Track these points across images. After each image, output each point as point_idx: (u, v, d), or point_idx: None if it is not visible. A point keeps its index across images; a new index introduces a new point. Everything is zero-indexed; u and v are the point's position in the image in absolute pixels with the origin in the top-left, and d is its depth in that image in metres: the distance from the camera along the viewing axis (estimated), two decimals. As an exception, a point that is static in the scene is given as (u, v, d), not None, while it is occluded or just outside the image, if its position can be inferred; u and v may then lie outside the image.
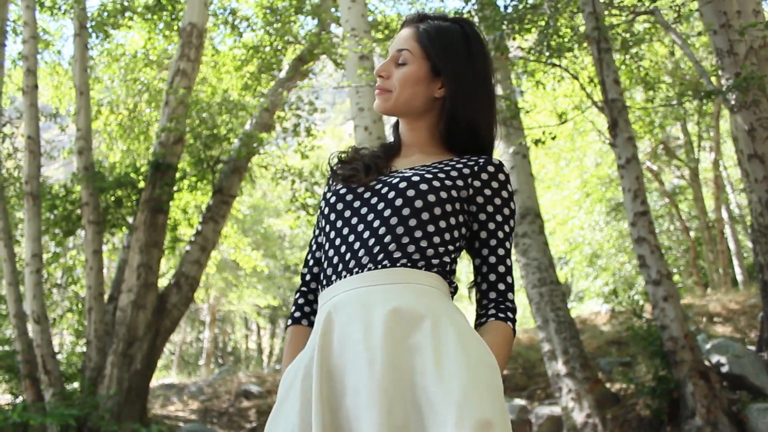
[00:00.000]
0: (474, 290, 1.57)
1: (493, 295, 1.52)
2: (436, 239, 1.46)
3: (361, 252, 1.44)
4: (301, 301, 1.64)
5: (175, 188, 7.47)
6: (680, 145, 14.74)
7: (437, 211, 1.46)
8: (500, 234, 1.53)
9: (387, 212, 1.46)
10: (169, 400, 8.85)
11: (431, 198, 1.46)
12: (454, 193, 1.49)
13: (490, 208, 1.52)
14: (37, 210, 6.84)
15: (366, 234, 1.46)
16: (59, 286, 8.62)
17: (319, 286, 1.55)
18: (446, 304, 1.42)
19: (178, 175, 7.54)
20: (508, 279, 1.54)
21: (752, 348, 6.58)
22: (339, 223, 1.52)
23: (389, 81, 1.59)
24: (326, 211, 1.56)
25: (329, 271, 1.50)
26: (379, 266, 1.41)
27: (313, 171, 8.27)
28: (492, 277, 1.52)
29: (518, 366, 8.71)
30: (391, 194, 1.48)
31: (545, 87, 7.63)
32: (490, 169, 1.53)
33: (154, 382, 9.65)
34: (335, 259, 1.49)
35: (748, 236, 15.10)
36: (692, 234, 14.79)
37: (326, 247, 1.54)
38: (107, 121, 9.73)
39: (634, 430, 5.52)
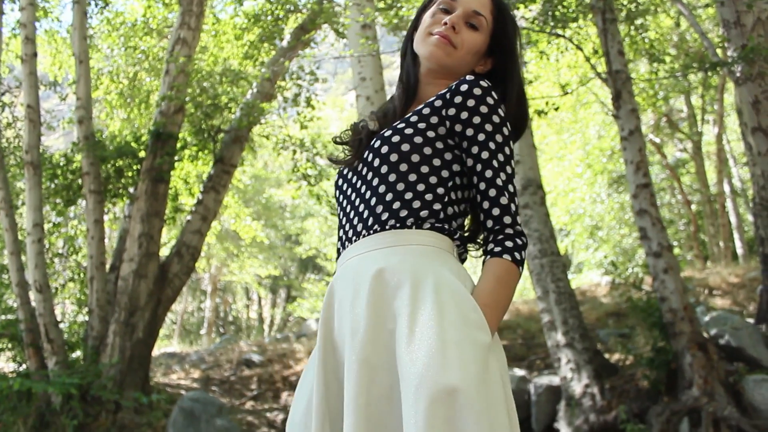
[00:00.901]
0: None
1: (489, 223, 1.41)
2: (421, 186, 1.39)
3: (356, 220, 1.45)
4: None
5: (176, 158, 7.45)
6: (683, 118, 14.66)
7: (415, 158, 1.40)
8: (484, 154, 1.40)
9: (369, 175, 1.45)
10: (171, 368, 8.93)
11: (405, 147, 1.40)
12: (430, 133, 1.42)
13: (470, 131, 1.41)
14: (37, 179, 6.82)
15: (357, 201, 1.47)
16: (61, 255, 8.63)
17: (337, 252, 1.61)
18: (435, 262, 1.34)
19: (179, 144, 7.52)
20: (502, 200, 1.40)
21: (751, 321, 6.61)
22: (341, 198, 1.55)
23: (457, 36, 1.51)
24: (336, 194, 1.59)
25: (338, 244, 1.54)
26: (371, 232, 1.40)
27: (315, 141, 8.23)
28: (485, 204, 1.41)
29: (518, 336, 8.77)
30: (370, 157, 1.46)
31: (549, 58, 7.56)
32: (463, 87, 1.42)
33: (156, 351, 9.74)
34: (340, 232, 1.53)
35: (749, 210, 15.09)
36: (693, 207, 14.78)
37: (338, 218, 1.58)
38: (107, 90, 9.66)
39: (632, 400, 5.58)
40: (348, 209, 1.49)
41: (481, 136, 1.40)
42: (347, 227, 1.48)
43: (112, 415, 6.24)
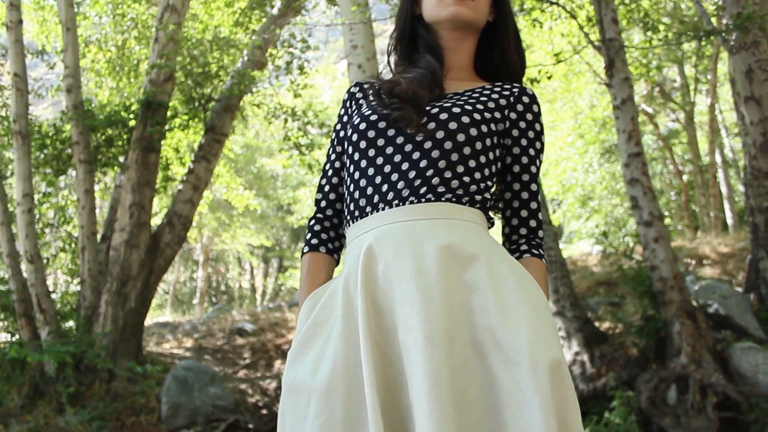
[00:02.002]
0: (502, 223, 1.55)
1: (524, 231, 1.51)
2: (477, 175, 1.42)
3: (400, 184, 1.39)
4: (317, 228, 1.59)
5: (166, 127, 7.39)
6: (676, 88, 14.63)
7: (478, 145, 1.42)
8: (533, 168, 1.51)
9: (428, 144, 1.41)
10: (164, 338, 8.97)
11: (473, 132, 1.42)
12: (492, 126, 1.45)
13: (524, 141, 1.49)
14: (26, 149, 6.75)
15: (405, 165, 1.40)
16: (52, 225, 8.59)
17: (348, 217, 1.48)
18: (492, 240, 1.40)
19: (169, 113, 7.44)
20: (540, 215, 1.54)
21: (740, 290, 6.68)
22: (372, 152, 1.45)
23: None
24: (354, 137, 1.49)
25: (362, 202, 1.44)
26: (423, 200, 1.37)
27: (306, 110, 8.17)
28: (524, 213, 1.51)
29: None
30: (433, 126, 1.42)
31: (542, 26, 7.50)
32: (525, 99, 1.50)
33: (149, 320, 9.77)
34: (369, 191, 1.43)
35: (740, 180, 15.15)
36: (685, 178, 14.83)
37: (356, 177, 1.47)
38: (95, 58, 9.54)
39: (621, 367, 5.65)
40: (386, 169, 1.42)
41: (532, 151, 1.50)
42: (384, 187, 1.40)
43: (106, 383, 6.27)
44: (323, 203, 1.60)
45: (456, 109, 1.43)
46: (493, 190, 1.49)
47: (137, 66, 9.34)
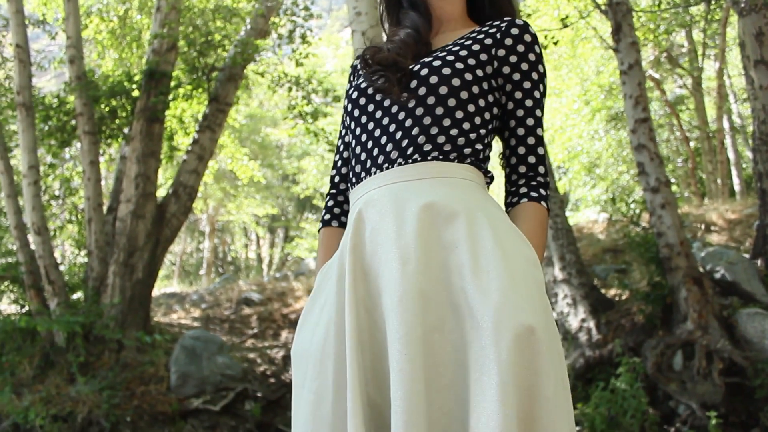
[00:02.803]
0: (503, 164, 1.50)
1: (522, 169, 1.44)
2: (466, 125, 1.38)
3: (389, 147, 1.38)
4: (330, 203, 1.60)
5: (170, 97, 7.35)
6: (684, 53, 14.44)
7: (464, 95, 1.38)
8: (528, 102, 1.43)
9: (412, 103, 1.38)
10: (172, 308, 9.03)
11: (456, 82, 1.38)
12: (479, 72, 1.40)
13: (516, 76, 1.42)
14: (30, 121, 6.74)
15: (392, 127, 1.39)
16: (57, 197, 8.61)
17: (350, 186, 1.49)
18: (481, 197, 1.35)
19: (172, 83, 7.40)
20: (539, 150, 1.46)
21: (747, 256, 6.66)
22: (364, 119, 1.45)
23: None
24: (350, 107, 1.49)
25: (358, 168, 1.44)
26: (410, 161, 1.35)
27: (310, 78, 8.10)
28: (521, 149, 1.44)
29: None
30: (415, 84, 1.39)
31: (548, -10, 7.38)
32: (514, 31, 1.43)
33: (156, 291, 9.83)
34: (363, 156, 1.43)
35: (748, 147, 15.04)
36: (692, 144, 14.71)
37: (353, 145, 1.48)
38: (97, 29, 9.45)
39: (627, 334, 5.66)
40: (377, 133, 1.41)
41: (527, 84, 1.42)
42: (375, 152, 1.40)
43: (115, 353, 6.34)
44: (336, 178, 1.61)
45: (437, 62, 1.40)
46: (487, 141, 1.44)
47: (139, 36, 9.26)
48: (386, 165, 1.37)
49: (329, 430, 1.24)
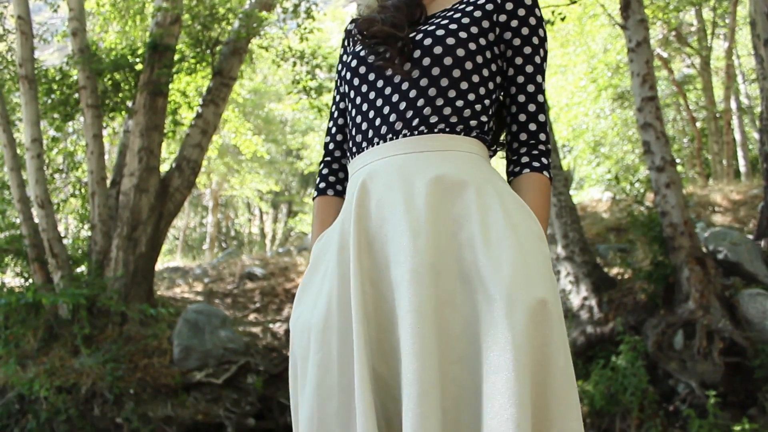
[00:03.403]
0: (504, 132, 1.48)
1: (523, 137, 1.42)
2: (471, 96, 1.36)
3: (393, 117, 1.35)
4: (325, 171, 1.57)
5: (173, 70, 7.30)
6: (693, 32, 14.29)
7: (468, 65, 1.35)
8: (529, 68, 1.40)
9: (415, 73, 1.35)
10: (175, 282, 9.07)
11: (460, 52, 1.35)
12: (482, 41, 1.37)
13: (517, 42, 1.39)
14: (33, 94, 6.71)
15: (395, 98, 1.36)
16: (61, 171, 8.61)
17: (348, 155, 1.46)
18: (488, 170, 1.34)
19: (176, 56, 7.35)
20: (540, 118, 1.43)
21: (750, 237, 6.65)
22: (364, 88, 1.41)
23: None
24: (348, 75, 1.45)
25: (359, 138, 1.41)
26: (415, 132, 1.33)
27: (315, 53, 8.04)
28: (522, 117, 1.42)
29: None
30: (417, 53, 1.36)
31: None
32: None
33: (160, 265, 9.86)
34: (364, 126, 1.40)
35: (754, 128, 14.95)
36: (698, 125, 14.62)
37: (353, 114, 1.44)
38: (100, 1, 9.37)
39: (629, 312, 5.67)
40: (379, 103, 1.38)
41: (528, 49, 1.39)
42: (377, 122, 1.37)
43: (119, 327, 6.38)
44: (331, 146, 1.58)
45: (440, 32, 1.37)
46: (491, 111, 1.41)
47: (143, 8, 9.18)
48: (390, 136, 1.35)
49: (336, 401, 1.23)
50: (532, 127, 1.41)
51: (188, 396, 5.79)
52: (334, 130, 1.57)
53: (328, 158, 1.58)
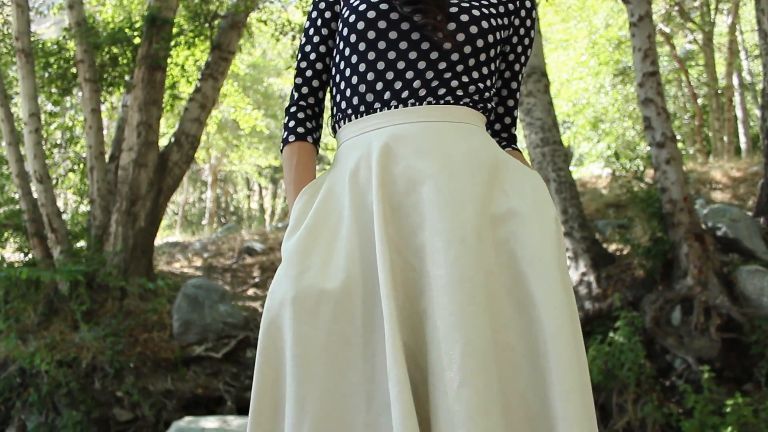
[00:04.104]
0: None
1: (497, 126, 1.55)
2: (488, 82, 1.40)
3: (417, 83, 1.33)
4: (301, 115, 1.47)
5: (172, 44, 7.24)
6: (696, 7, 14.15)
7: (492, 52, 1.38)
8: (518, 67, 1.51)
9: (447, 45, 1.33)
10: (174, 257, 9.09)
11: (490, 39, 1.37)
12: (501, 33, 1.41)
13: (519, 49, 1.49)
14: (30, 68, 6.66)
15: (422, 65, 1.33)
16: (59, 146, 8.58)
17: (347, 111, 1.38)
18: (500, 148, 1.41)
19: (174, 30, 7.29)
20: (515, 113, 1.57)
21: (750, 214, 6.64)
22: (382, 45, 1.35)
23: None
24: (360, 26, 1.36)
25: (369, 97, 1.34)
26: (441, 101, 1.32)
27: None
28: (500, 109, 1.54)
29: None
30: (451, 26, 1.34)
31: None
32: (528, 4, 1.47)
33: (159, 240, 9.88)
34: (379, 86, 1.34)
35: (756, 104, 14.86)
36: (699, 101, 14.54)
37: (360, 69, 1.36)
38: (97, -27, 9.28)
39: (627, 288, 5.69)
40: (400, 66, 1.33)
41: (523, 59, 1.51)
42: (397, 85, 1.33)
43: (118, 301, 6.40)
44: (305, 89, 1.48)
45: (476, 12, 1.37)
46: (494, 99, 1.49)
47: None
48: (411, 101, 1.32)
49: (359, 373, 1.19)
50: (507, 120, 1.55)
51: (188, 370, 5.83)
52: (309, 73, 1.47)
53: (303, 102, 1.48)
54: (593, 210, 8.57)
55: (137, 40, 7.26)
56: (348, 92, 1.38)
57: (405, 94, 1.33)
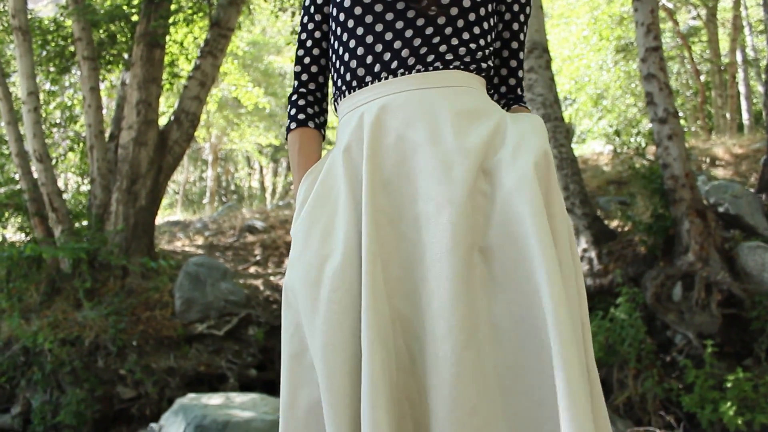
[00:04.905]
0: None
1: (503, 89, 1.53)
2: (482, 42, 1.37)
3: (405, 53, 1.32)
4: (302, 102, 1.49)
5: (170, 21, 7.18)
6: (699, -19, 14.01)
7: (482, 11, 1.37)
8: (520, 34, 1.49)
9: (432, 10, 1.33)
10: (175, 236, 9.09)
11: None
12: None
13: (516, 7, 1.46)
14: (27, 46, 6.61)
15: (408, 33, 1.33)
16: (59, 125, 8.55)
17: (342, 88, 1.40)
18: (498, 106, 1.38)
19: (173, 7, 7.22)
20: (519, 74, 1.53)
21: (752, 190, 6.62)
22: (369, 19, 1.36)
23: None
24: (347, 3, 1.38)
25: (360, 72, 1.36)
26: (431, 68, 1.32)
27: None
28: (503, 71, 1.52)
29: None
30: None
31: None
32: None
33: (160, 219, 9.88)
34: (369, 59, 1.35)
35: (760, 81, 14.76)
36: (702, 78, 14.44)
37: (350, 45, 1.38)
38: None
39: (628, 264, 5.69)
40: (388, 37, 1.34)
41: (522, 17, 1.47)
42: (385, 56, 1.33)
43: (120, 280, 6.41)
44: (304, 76, 1.50)
45: None
46: (492, 59, 1.46)
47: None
48: (401, 71, 1.33)
49: (357, 343, 1.18)
50: (512, 82, 1.52)
51: (190, 348, 5.85)
52: (307, 60, 1.50)
53: (303, 89, 1.51)
54: (595, 187, 8.55)
55: (135, 18, 7.20)
56: (342, 70, 1.40)
57: (394, 64, 1.33)
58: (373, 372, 1.11)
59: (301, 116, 1.48)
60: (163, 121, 7.71)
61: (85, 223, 7.02)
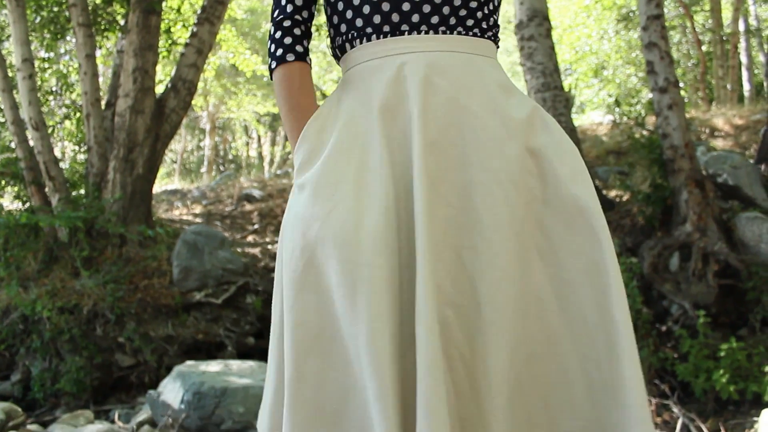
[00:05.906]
0: None
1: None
2: (491, 6, 1.33)
3: (446, 10, 1.25)
4: (297, 31, 1.33)
5: (166, -13, 7.08)
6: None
7: None
8: None
9: None
10: (173, 204, 9.08)
11: None
12: None
13: None
14: (21, 11, 6.52)
15: None
16: (55, 93, 8.48)
17: (367, 30, 1.27)
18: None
19: (168, -28, 7.12)
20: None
21: (751, 161, 6.60)
22: None
23: None
24: None
25: (395, 17, 1.24)
26: (470, 33, 1.27)
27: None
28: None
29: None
30: None
31: None
32: None
33: (158, 188, 9.85)
34: (405, 6, 1.24)
35: (762, 51, 14.64)
36: (704, 48, 14.31)
37: None
38: None
39: (626, 234, 5.70)
40: None
41: None
42: (405, 7, 1.24)
43: (118, 248, 6.41)
44: (289, 8, 1.33)
45: None
46: None
47: None
48: (443, 29, 1.26)
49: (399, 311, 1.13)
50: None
51: (188, 316, 5.88)
52: None
53: (298, 17, 1.33)
54: (593, 156, 8.52)
55: (131, -17, 7.09)
56: (366, 9, 1.26)
57: (435, 19, 1.26)
58: (431, 348, 1.06)
59: (299, 48, 1.32)
60: (160, 89, 7.63)
61: (82, 191, 6.99)
